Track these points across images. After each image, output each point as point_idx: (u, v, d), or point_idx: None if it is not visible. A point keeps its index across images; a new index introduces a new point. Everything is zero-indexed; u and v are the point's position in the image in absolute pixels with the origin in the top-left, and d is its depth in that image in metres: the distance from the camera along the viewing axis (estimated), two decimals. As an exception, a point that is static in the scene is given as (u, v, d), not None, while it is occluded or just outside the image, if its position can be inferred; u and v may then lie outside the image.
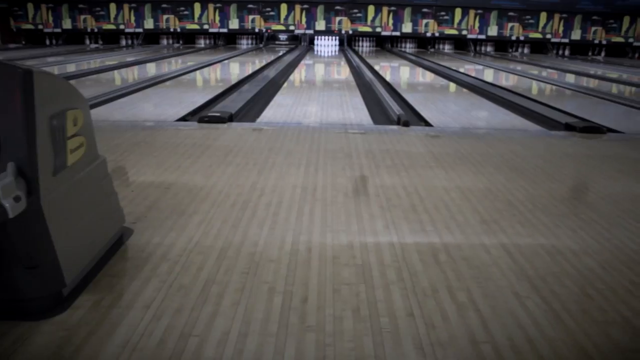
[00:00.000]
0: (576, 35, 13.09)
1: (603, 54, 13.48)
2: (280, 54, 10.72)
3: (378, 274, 1.40)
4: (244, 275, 1.36)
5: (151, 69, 7.58)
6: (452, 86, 6.23)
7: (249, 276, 1.36)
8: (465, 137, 3.15)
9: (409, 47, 13.60)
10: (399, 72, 8.21)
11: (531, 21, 12.93)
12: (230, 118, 3.43)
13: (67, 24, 13.28)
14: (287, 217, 1.77)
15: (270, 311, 1.21)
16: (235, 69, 7.98)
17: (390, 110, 4.00)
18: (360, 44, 13.68)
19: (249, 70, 7.59)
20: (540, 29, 12.99)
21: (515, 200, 2.01)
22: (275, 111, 4.00)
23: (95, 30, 13.36)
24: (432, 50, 13.27)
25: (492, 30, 13.04)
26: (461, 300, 1.29)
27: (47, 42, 13.42)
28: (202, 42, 13.61)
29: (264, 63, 8.61)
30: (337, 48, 13.04)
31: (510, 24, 12.97)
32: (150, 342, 1.09)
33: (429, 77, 7.33)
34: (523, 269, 1.46)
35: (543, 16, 12.87)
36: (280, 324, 1.16)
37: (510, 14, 12.91)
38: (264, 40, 13.36)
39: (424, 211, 1.86)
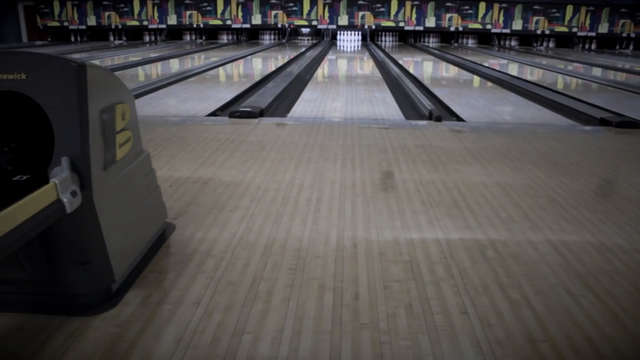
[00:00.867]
0: (603, 28, 12.89)
1: (631, 47, 13.24)
2: (303, 49, 10.70)
3: (427, 271, 1.37)
4: (292, 272, 1.35)
5: (175, 65, 7.62)
6: (480, 81, 6.16)
7: (297, 272, 1.35)
8: (498, 132, 3.11)
9: (432, 42, 13.51)
10: (424, 66, 8.15)
11: (557, 14, 12.76)
12: (261, 113, 3.42)
13: (91, 20, 13.42)
14: (329, 213, 1.75)
15: (322, 308, 1.19)
16: (260, 65, 7.98)
17: (420, 105, 3.97)
18: (383, 38, 13.62)
19: (274, 65, 7.58)
20: (566, 23, 12.81)
21: (557, 196, 1.97)
22: (305, 106, 3.98)
23: (119, 26, 13.48)
24: (455, 44, 13.16)
25: (517, 24, 12.91)
26: (514, 298, 1.26)
27: (72, 38, 13.57)
28: (224, 38, 13.66)
29: (287, 59, 8.60)
30: (360, 43, 13.00)
31: (535, 18, 12.82)
32: (203, 339, 1.08)
33: (455, 71, 7.26)
34: (573, 267, 1.43)
35: (569, 9, 12.69)
36: (334, 322, 1.14)
37: (536, 7, 12.75)
38: (287, 35, 13.35)
39: (466, 207, 1.83)
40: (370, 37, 13.34)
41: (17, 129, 1.24)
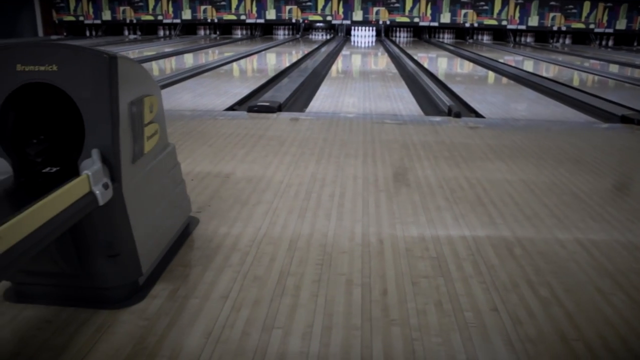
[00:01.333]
0: (621, 24, 12.75)
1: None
2: (318, 44, 10.68)
3: (455, 267, 1.36)
4: (319, 267, 1.34)
5: (190, 60, 7.62)
6: (496, 77, 6.11)
7: (324, 267, 1.34)
8: (517, 129, 3.08)
9: (446, 38, 13.44)
10: (441, 62, 8.10)
11: (574, 11, 12.64)
12: (279, 108, 3.41)
13: (106, 15, 13.46)
14: (353, 208, 1.74)
15: (351, 304, 1.18)
16: (275, 60, 7.97)
17: (438, 101, 3.95)
18: (398, 34, 13.55)
19: (289, 61, 7.57)
20: (583, 19, 12.69)
21: (582, 194, 1.95)
22: (323, 102, 3.96)
23: (134, 21, 13.51)
24: (470, 41, 13.08)
25: (533, 21, 12.80)
26: (544, 296, 1.25)
27: (87, 33, 13.63)
28: (238, 33, 13.66)
29: (303, 54, 8.58)
30: (374, 39, 12.95)
31: (551, 14, 12.70)
32: (233, 334, 1.08)
33: (471, 67, 7.21)
34: (602, 265, 1.41)
35: (586, 5, 12.56)
36: (364, 318, 1.13)
37: (552, 3, 12.64)
38: (301, 30, 13.32)
39: (490, 204, 1.82)
40: (384, 33, 13.28)
41: (45, 121, 1.24)
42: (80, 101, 1.09)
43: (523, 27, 12.89)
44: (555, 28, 12.82)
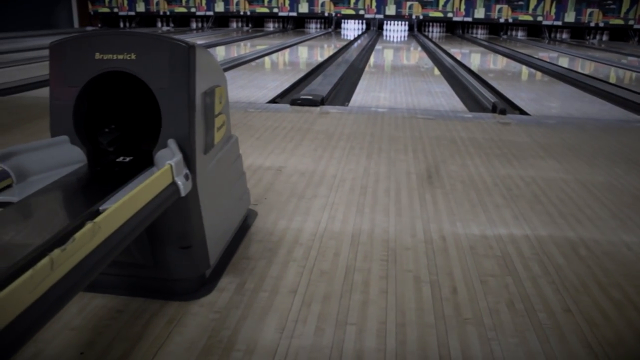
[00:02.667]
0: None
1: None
2: (351, 39, 10.64)
3: (521, 267, 1.34)
4: (384, 263, 1.33)
5: (222, 52, 7.64)
6: (538, 74, 6.02)
7: (390, 264, 1.33)
8: (565, 126, 3.03)
9: (480, 33, 13.27)
10: (478, 58, 8.01)
11: (612, 6, 12.37)
12: (322, 101, 3.40)
13: (140, 7, 13.57)
14: (411, 204, 1.72)
15: (422, 301, 1.17)
16: (310, 53, 7.96)
17: (481, 97, 3.90)
18: (430, 29, 13.43)
19: (324, 54, 7.56)
20: (622, 15, 12.42)
21: (641, 195, 1.91)
22: (364, 96, 3.94)
23: (167, 13, 13.59)
24: (504, 36, 12.90)
25: (570, 17, 12.57)
26: (617, 298, 1.22)
27: (121, 24, 13.76)
28: (270, 26, 13.66)
29: (337, 48, 8.56)
30: (407, 33, 12.85)
31: (589, 10, 12.46)
32: (307, 329, 1.07)
33: (510, 64, 7.11)
34: (672, 268, 1.38)
35: (626, 0, 12.28)
36: (437, 315, 1.12)
37: (590, -2, 12.40)
38: (333, 24, 13.28)
39: (548, 202, 1.78)
40: (417, 28, 13.17)
41: (117, 110, 1.25)
42: (157, 90, 1.09)
43: (559, 23, 12.67)
44: (592, 24, 12.57)
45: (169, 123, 1.09)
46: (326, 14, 13.19)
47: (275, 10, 13.27)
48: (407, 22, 13.12)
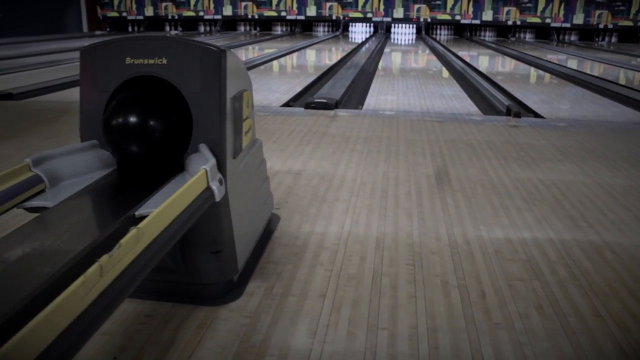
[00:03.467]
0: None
1: None
2: (359, 42, 10.65)
3: (548, 271, 1.33)
4: (411, 267, 1.33)
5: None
6: (547, 76, 6.01)
7: (416, 268, 1.33)
8: (581, 129, 3.02)
9: (488, 36, 13.25)
10: (487, 61, 8.00)
11: (622, 8, 12.32)
12: (336, 105, 3.40)
13: (149, 11, 13.63)
14: (432, 207, 1.72)
15: (451, 305, 1.17)
16: (320, 57, 7.97)
17: (494, 100, 3.89)
18: (438, 32, 13.42)
19: (334, 58, 7.56)
20: (631, 16, 12.37)
21: (663, 198, 1.90)
22: (377, 99, 3.95)
23: (176, 17, 13.64)
24: (512, 39, 12.88)
25: (578, 18, 12.54)
26: (647, 303, 1.21)
27: (130, 29, 13.82)
28: (278, 29, 13.68)
29: (345, 51, 8.56)
30: (414, 36, 12.85)
31: (598, 12, 12.42)
32: (339, 334, 1.07)
33: (519, 66, 7.10)
34: (699, 272, 1.37)
35: (636, 2, 12.22)
36: (467, 320, 1.12)
37: (599, 0, 12.34)
38: (341, 27, 13.29)
39: (570, 206, 1.78)
40: (424, 31, 13.16)
41: None
42: (188, 95, 1.09)
43: (567, 25, 12.63)
44: (601, 26, 12.53)
45: (200, 128, 1.10)
46: (334, 17, 13.21)
47: (283, 13, 13.30)
48: (414, 25, 13.12)
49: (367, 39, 11.38)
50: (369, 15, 13.12)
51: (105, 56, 1.13)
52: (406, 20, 13.05)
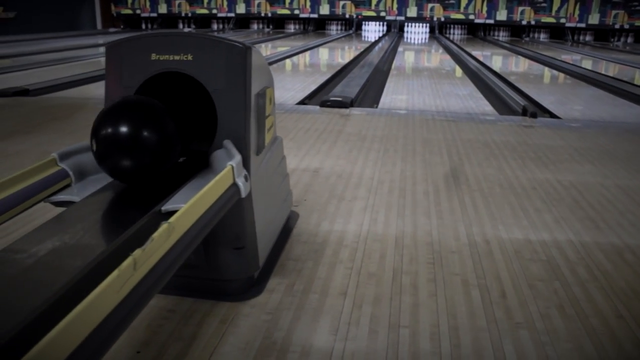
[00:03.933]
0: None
1: None
2: (372, 40, 10.64)
3: (569, 272, 1.33)
4: (431, 266, 1.33)
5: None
6: (562, 76, 5.98)
7: (436, 267, 1.33)
8: (598, 130, 3.00)
9: (502, 36, 13.19)
10: (501, 60, 7.96)
11: (638, 8, 12.21)
12: (352, 103, 3.40)
13: (162, 8, 13.68)
14: (451, 206, 1.72)
15: (472, 305, 1.17)
16: (334, 55, 7.97)
17: (510, 100, 3.88)
18: (451, 31, 13.37)
19: (347, 56, 7.56)
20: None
21: (682, 200, 1.88)
22: (392, 98, 3.95)
23: (189, 14, 13.68)
24: (527, 39, 12.81)
25: (594, 19, 12.44)
26: (669, 305, 1.21)
27: (144, 26, 13.88)
28: (291, 28, 13.69)
29: (359, 49, 8.56)
30: (427, 36, 12.81)
31: (614, 12, 12.32)
32: (360, 331, 1.07)
33: (535, 66, 7.06)
34: None
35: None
36: (488, 319, 1.12)
37: (615, 0, 12.24)
38: (354, 26, 13.27)
39: (589, 207, 1.77)
40: (438, 30, 13.12)
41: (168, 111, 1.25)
42: (213, 91, 1.10)
43: (582, 25, 12.54)
44: (617, 26, 12.42)
45: (224, 124, 1.10)
46: (347, 16, 13.20)
47: (296, 11, 13.30)
48: (428, 24, 13.07)
49: (380, 38, 11.37)
50: (382, 14, 13.10)
51: (131, 52, 1.14)
52: (419, 19, 13.01)
